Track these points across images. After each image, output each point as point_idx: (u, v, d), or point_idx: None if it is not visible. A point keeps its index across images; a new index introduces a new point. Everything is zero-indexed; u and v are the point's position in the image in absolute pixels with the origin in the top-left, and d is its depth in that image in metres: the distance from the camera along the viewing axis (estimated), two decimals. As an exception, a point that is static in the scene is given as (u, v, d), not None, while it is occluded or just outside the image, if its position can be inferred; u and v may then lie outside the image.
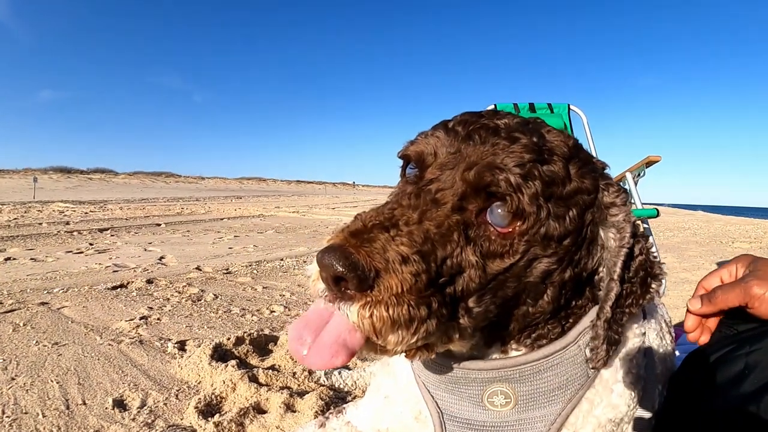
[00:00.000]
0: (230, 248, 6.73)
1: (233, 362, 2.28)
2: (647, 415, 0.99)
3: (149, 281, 4.26)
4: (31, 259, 5.31)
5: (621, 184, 4.98)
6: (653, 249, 0.93)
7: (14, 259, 5.28)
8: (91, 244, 6.63)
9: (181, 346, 2.65)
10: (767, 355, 0.95)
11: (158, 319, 3.17)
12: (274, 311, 3.50)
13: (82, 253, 5.90)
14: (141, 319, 3.12)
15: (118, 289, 3.95)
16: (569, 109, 5.10)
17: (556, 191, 0.81)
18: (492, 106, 4.98)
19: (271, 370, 2.24)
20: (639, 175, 4.65)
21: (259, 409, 1.94)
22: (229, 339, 2.56)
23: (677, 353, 1.19)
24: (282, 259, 5.81)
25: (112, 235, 7.79)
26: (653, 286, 0.91)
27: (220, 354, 2.43)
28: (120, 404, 1.97)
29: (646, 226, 4.40)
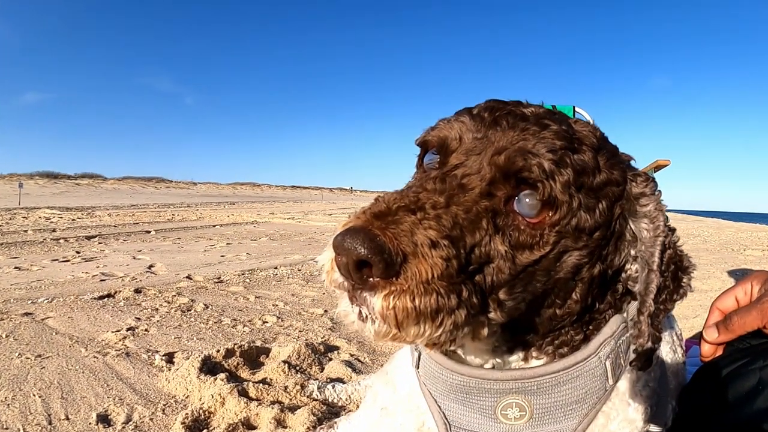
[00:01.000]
0: (222, 256, 6.71)
1: (223, 375, 2.26)
2: (656, 429, 0.98)
3: (137, 291, 4.24)
4: (16, 267, 5.28)
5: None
6: (680, 242, 0.92)
7: (-3, 267, 5.26)
8: (77, 252, 6.62)
9: (169, 358, 2.64)
10: None
11: (146, 330, 3.15)
12: (267, 322, 3.48)
13: (68, 261, 5.89)
14: (128, 330, 3.10)
15: (105, 299, 3.93)
16: (574, 110, 5.09)
17: (587, 181, 0.80)
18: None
19: (262, 384, 2.22)
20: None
21: (248, 425, 1.92)
22: (218, 351, 2.54)
23: (687, 367, 1.18)
24: (276, 268, 5.79)
25: (99, 243, 7.77)
26: (684, 280, 0.89)
27: (210, 367, 2.41)
28: (104, 419, 1.95)
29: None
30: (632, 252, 0.90)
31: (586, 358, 0.89)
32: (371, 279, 0.67)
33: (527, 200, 0.77)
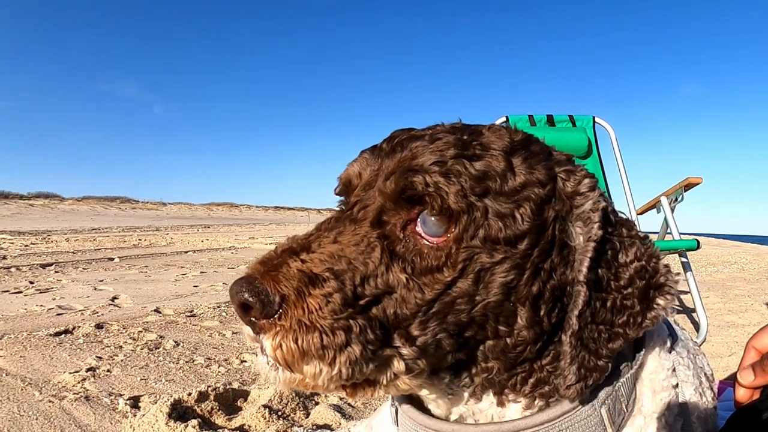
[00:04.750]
0: (195, 287, 6.72)
1: (194, 422, 2.27)
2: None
3: (99, 326, 4.25)
4: (-40, 299, 5.27)
5: (655, 210, 4.96)
6: (660, 256, 0.89)
7: (-61, 299, 5.24)
8: (31, 283, 6.62)
9: (135, 402, 2.64)
10: None
11: (108, 370, 3.15)
12: (245, 361, 3.49)
13: (20, 292, 5.89)
14: (88, 370, 3.11)
15: (63, 336, 3.94)
16: (594, 122, 5.14)
17: (494, 186, 0.80)
18: (503, 119, 5.02)
19: None
20: (676, 199, 4.66)
21: (225, 478, 1.92)
22: (190, 394, 2.54)
23: (720, 411, 1.17)
24: (257, 300, 5.77)
25: (56, 272, 7.77)
26: (659, 301, 0.86)
27: (180, 412, 2.41)
28: (60, 472, 1.95)
29: (684, 260, 4.38)
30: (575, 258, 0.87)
31: (575, 408, 0.87)
32: (258, 322, 0.77)
33: (431, 218, 0.81)
